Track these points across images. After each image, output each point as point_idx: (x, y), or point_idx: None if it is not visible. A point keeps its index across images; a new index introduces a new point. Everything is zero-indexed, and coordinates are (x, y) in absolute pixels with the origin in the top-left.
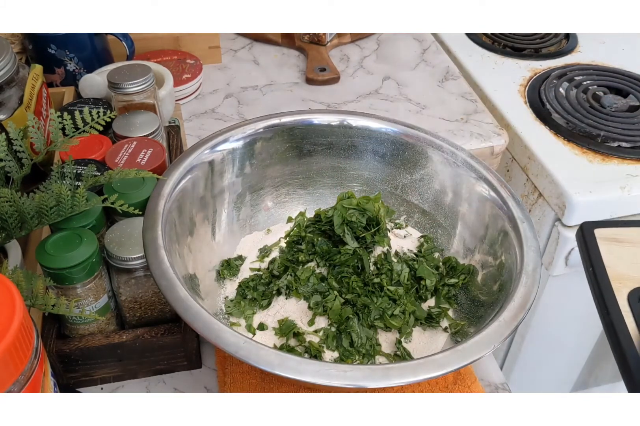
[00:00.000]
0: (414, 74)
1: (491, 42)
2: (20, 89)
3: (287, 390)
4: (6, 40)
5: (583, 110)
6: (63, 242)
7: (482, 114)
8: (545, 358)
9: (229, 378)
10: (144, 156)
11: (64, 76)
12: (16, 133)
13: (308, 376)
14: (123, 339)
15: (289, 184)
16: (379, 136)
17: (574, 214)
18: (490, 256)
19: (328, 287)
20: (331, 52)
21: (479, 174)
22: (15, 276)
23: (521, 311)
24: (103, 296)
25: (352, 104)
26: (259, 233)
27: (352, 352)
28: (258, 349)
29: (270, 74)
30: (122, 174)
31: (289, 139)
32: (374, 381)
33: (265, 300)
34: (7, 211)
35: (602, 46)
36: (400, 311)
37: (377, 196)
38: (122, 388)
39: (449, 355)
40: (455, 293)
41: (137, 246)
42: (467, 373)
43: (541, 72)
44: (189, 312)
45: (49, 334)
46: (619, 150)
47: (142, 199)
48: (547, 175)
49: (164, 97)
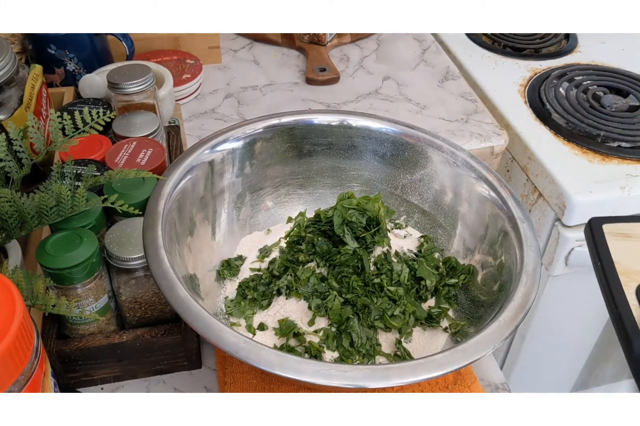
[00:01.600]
0: (414, 74)
1: (491, 42)
2: (20, 89)
3: (287, 390)
4: (6, 41)
5: (583, 110)
6: (63, 242)
7: (482, 114)
8: (545, 358)
9: (229, 378)
10: (144, 156)
11: (64, 76)
12: (16, 133)
13: (308, 376)
14: (123, 339)
15: (289, 184)
16: (379, 136)
17: (574, 214)
18: (490, 256)
19: (328, 287)
20: (331, 52)
21: (479, 174)
22: (15, 276)
23: (521, 311)
24: (103, 296)
25: (352, 104)
26: (259, 233)
27: (352, 352)
28: (258, 349)
29: (270, 74)
30: (122, 174)
31: (289, 139)
32: (374, 381)
33: (265, 300)
34: (7, 211)
35: (602, 46)
36: (400, 312)
37: (377, 196)
38: (122, 388)
39: (449, 355)
40: (455, 293)
41: (137, 246)
42: (467, 373)
43: (541, 72)
44: (189, 312)
45: (49, 334)
46: (619, 150)
47: (142, 199)
48: (547, 175)
49: (164, 98)
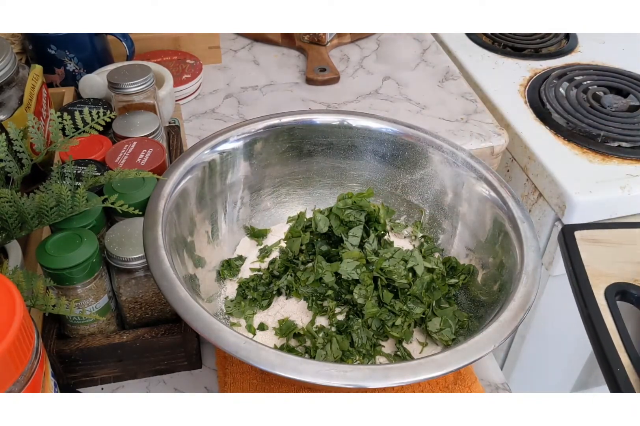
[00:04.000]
0: (414, 74)
1: (491, 42)
2: (20, 90)
3: (287, 390)
4: (6, 41)
5: (583, 110)
6: (63, 242)
7: (482, 114)
8: (546, 358)
9: (230, 378)
10: (144, 156)
11: (64, 76)
12: (16, 133)
13: (308, 376)
14: (123, 339)
15: (289, 184)
16: (379, 136)
17: (574, 214)
18: (490, 256)
19: (328, 287)
20: (331, 52)
21: (479, 174)
22: (15, 276)
23: (521, 311)
24: (103, 297)
25: (352, 104)
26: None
27: (353, 352)
28: (258, 349)
29: (270, 74)
30: (122, 175)
31: (289, 139)
32: (375, 381)
33: (265, 300)
34: (7, 211)
35: (602, 46)
36: (401, 321)
37: (369, 190)
38: (123, 389)
39: (449, 355)
40: (455, 293)
41: (138, 246)
42: (468, 373)
43: (541, 72)
44: (189, 312)
45: (50, 334)
46: (619, 150)
47: (142, 200)
48: (547, 175)
49: (164, 98)
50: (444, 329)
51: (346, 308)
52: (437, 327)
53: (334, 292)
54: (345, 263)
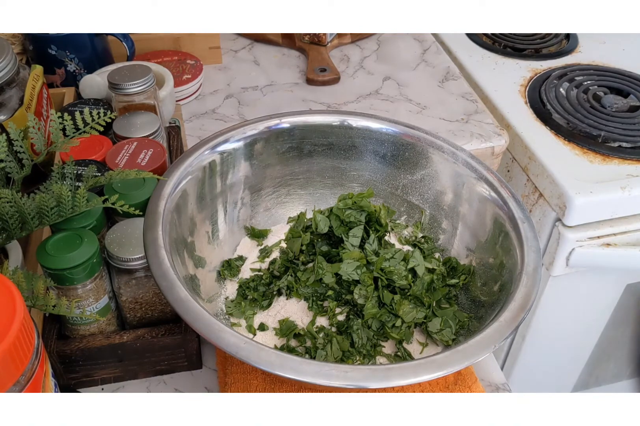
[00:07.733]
0: (415, 74)
1: (491, 42)
2: (20, 90)
3: (287, 391)
4: (6, 41)
5: (583, 110)
6: (64, 243)
7: (483, 114)
8: (546, 358)
9: (230, 379)
10: (145, 157)
11: (65, 76)
12: (17, 134)
13: (309, 376)
14: (124, 339)
15: (290, 184)
16: (379, 137)
17: (574, 215)
18: (490, 257)
19: (328, 288)
20: (331, 52)
21: (479, 174)
22: (15, 276)
23: (522, 312)
24: (104, 297)
25: (353, 104)
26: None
27: (353, 352)
28: (259, 349)
29: (270, 75)
30: (123, 175)
31: (289, 139)
32: (375, 381)
33: (265, 301)
34: (7, 211)
35: (602, 46)
36: (401, 322)
37: (369, 190)
38: (123, 389)
39: (449, 355)
40: (455, 293)
41: (138, 246)
42: (468, 374)
43: (541, 73)
44: (190, 313)
45: (50, 335)
46: (619, 150)
47: (142, 200)
48: (547, 175)
49: (165, 98)
50: (445, 330)
51: (346, 308)
52: (437, 327)
53: (335, 292)
54: (346, 264)
